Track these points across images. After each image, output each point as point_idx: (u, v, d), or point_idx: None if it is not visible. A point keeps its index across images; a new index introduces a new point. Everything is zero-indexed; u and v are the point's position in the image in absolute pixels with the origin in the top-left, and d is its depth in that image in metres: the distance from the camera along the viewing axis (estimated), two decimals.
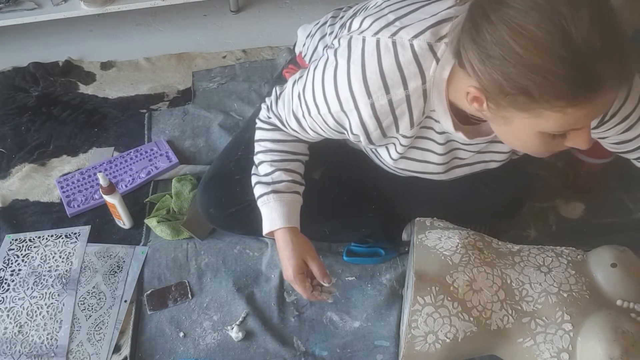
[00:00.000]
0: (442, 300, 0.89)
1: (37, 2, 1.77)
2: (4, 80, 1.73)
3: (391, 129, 0.87)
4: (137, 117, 1.59)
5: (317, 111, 0.89)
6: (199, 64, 1.77)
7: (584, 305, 0.87)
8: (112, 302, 1.16)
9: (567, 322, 0.86)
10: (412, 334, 0.89)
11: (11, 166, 1.47)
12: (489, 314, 0.89)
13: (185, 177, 1.37)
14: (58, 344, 1.10)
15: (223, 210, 1.13)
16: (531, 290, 0.91)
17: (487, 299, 0.90)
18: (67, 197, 1.36)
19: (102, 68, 1.77)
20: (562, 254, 0.96)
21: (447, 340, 0.88)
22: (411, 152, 0.95)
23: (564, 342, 0.86)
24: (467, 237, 0.96)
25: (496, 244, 0.99)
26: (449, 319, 0.88)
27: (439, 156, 0.95)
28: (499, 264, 0.94)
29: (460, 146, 0.93)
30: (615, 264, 0.91)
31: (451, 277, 0.91)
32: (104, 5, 1.75)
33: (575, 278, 0.91)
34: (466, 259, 0.93)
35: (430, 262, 0.93)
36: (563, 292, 0.89)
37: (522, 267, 0.94)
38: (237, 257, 1.23)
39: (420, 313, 0.89)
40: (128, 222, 1.29)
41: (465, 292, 0.90)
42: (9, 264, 1.24)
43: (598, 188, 1.32)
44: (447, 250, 0.94)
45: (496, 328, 0.89)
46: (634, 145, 0.89)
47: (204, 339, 1.11)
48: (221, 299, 1.16)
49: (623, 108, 0.83)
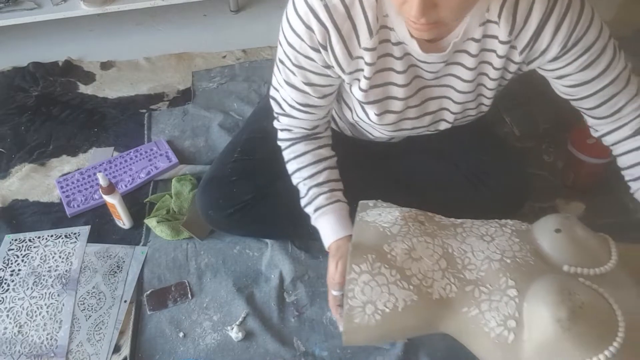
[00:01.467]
0: (379, 268, 0.84)
1: (36, 2, 1.77)
2: (4, 80, 1.73)
3: (352, 39, 0.86)
4: (137, 117, 1.59)
5: (294, 50, 0.89)
6: (199, 64, 1.77)
7: (529, 271, 0.83)
8: (112, 302, 1.16)
9: (512, 288, 0.82)
10: (350, 305, 0.83)
11: (11, 166, 1.47)
12: (430, 282, 0.85)
13: (185, 177, 1.37)
14: (58, 344, 1.10)
15: (221, 211, 1.13)
16: (474, 258, 0.86)
17: (427, 268, 0.85)
18: (66, 197, 1.36)
19: (101, 68, 1.77)
20: (506, 224, 0.93)
21: (386, 309, 0.83)
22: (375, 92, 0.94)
23: (510, 308, 0.81)
24: (408, 211, 0.93)
25: (438, 218, 0.95)
26: (387, 287, 0.83)
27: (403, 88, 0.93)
28: (440, 235, 0.90)
29: (419, 64, 0.91)
30: (560, 230, 0.87)
31: (389, 246, 0.86)
32: (103, 5, 1.75)
33: (519, 245, 0.87)
34: (405, 229, 0.89)
35: (367, 234, 0.89)
36: (506, 258, 0.85)
37: (465, 237, 0.90)
38: (237, 257, 1.23)
39: (356, 282, 0.83)
40: (128, 222, 1.29)
41: (403, 260, 0.85)
42: (9, 264, 1.23)
43: (598, 188, 1.32)
44: (386, 222, 0.90)
45: (439, 297, 0.84)
46: (591, 89, 0.89)
47: (204, 339, 1.11)
48: (221, 299, 1.16)
49: (585, 37, 0.84)
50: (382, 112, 0.96)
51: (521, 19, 0.83)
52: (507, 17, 0.83)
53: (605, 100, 0.91)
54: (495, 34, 0.85)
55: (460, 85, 0.94)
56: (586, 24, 0.83)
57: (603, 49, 0.86)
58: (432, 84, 0.95)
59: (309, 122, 1.01)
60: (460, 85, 0.94)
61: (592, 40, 0.84)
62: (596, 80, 0.88)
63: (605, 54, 0.86)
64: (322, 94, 0.96)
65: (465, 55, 0.89)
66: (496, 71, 0.90)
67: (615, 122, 0.94)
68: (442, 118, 1.01)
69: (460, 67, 0.91)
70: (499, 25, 0.84)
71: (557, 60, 0.87)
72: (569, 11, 0.82)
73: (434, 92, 0.96)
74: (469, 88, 0.93)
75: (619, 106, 0.92)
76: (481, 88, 0.95)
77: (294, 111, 0.99)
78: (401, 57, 0.89)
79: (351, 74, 0.91)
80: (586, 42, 0.84)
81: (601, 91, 0.90)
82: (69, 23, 1.82)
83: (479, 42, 0.85)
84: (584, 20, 0.83)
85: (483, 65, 0.90)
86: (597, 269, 0.83)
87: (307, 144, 1.02)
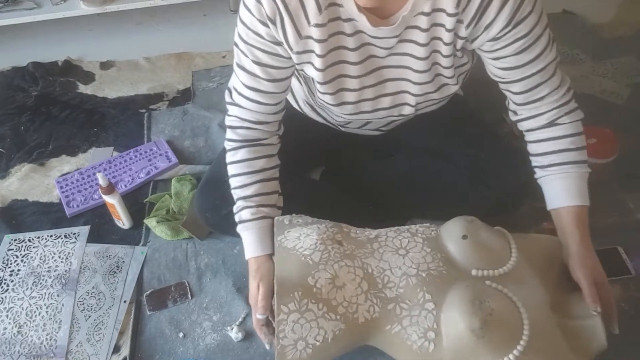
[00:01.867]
0: (307, 304, 0.88)
1: (36, 2, 1.77)
2: (3, 80, 1.73)
3: (300, 17, 0.88)
4: (137, 117, 1.59)
5: (245, 27, 0.91)
6: (199, 64, 1.77)
7: (442, 282, 0.90)
8: (111, 302, 1.16)
9: (429, 302, 0.88)
10: (282, 345, 0.87)
11: (10, 166, 1.47)
12: (355, 308, 0.90)
13: (185, 177, 1.37)
14: (57, 345, 1.10)
15: (218, 212, 1.13)
16: (392, 275, 0.92)
17: (351, 293, 0.90)
18: (66, 197, 1.35)
19: (101, 68, 1.77)
20: (417, 232, 0.98)
21: (317, 343, 0.88)
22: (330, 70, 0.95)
23: (429, 321, 0.87)
24: (325, 232, 0.96)
25: (354, 233, 1.00)
26: (316, 321, 0.88)
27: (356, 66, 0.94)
28: (359, 254, 0.95)
29: (371, 40, 0.92)
30: (466, 236, 0.93)
31: (313, 278, 0.91)
32: (103, 4, 1.75)
33: (431, 256, 0.93)
34: (326, 256, 0.93)
35: (291, 265, 0.93)
36: (422, 272, 0.91)
37: (382, 253, 0.95)
38: (236, 257, 1.23)
39: (286, 322, 0.88)
40: (127, 222, 1.29)
41: (328, 290, 0.90)
42: (8, 264, 1.23)
43: (598, 188, 1.32)
44: (306, 249, 0.94)
45: (364, 320, 0.90)
46: (520, 74, 0.93)
47: (204, 339, 1.11)
48: (221, 299, 1.16)
49: (527, 19, 0.86)
50: (336, 90, 0.97)
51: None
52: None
53: (531, 87, 0.95)
54: (443, 6, 0.86)
55: (415, 64, 0.94)
56: (529, 7, 0.86)
57: (539, 36, 0.89)
58: (388, 63, 0.96)
59: (256, 114, 1.01)
60: (415, 64, 0.94)
61: (531, 25, 0.88)
62: (527, 66, 0.92)
63: (540, 41, 0.90)
64: (271, 77, 0.96)
65: (416, 31, 0.90)
66: (447, 47, 0.91)
67: (535, 109, 0.98)
68: (403, 101, 1.01)
69: (413, 44, 0.92)
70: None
71: (497, 40, 0.90)
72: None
73: (390, 73, 0.97)
74: (425, 66, 0.94)
75: (541, 95, 0.96)
76: (437, 67, 0.96)
77: (242, 99, 0.99)
78: (352, 33, 0.90)
79: (300, 54, 0.92)
80: (527, 24, 0.87)
81: (529, 78, 0.94)
82: (69, 23, 1.82)
83: (429, 16, 0.86)
84: (528, 2, 0.85)
85: (435, 42, 0.91)
86: (501, 269, 0.92)
87: (247, 152, 1.02)
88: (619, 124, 1.44)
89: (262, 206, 1.01)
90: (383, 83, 0.98)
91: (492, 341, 0.84)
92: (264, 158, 1.03)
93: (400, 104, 1.01)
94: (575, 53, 1.74)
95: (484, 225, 0.97)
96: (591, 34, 1.82)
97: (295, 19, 0.88)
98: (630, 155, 1.37)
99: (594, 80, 1.63)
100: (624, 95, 1.58)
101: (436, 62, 0.94)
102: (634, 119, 1.50)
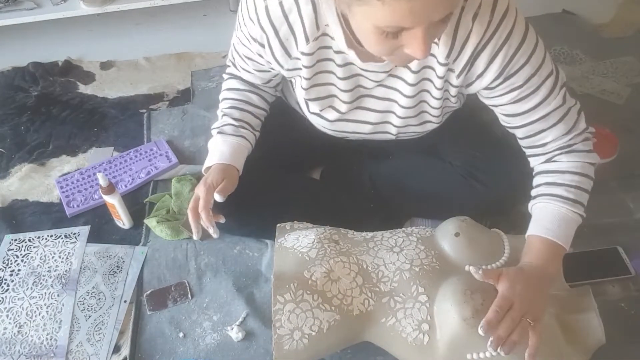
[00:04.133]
0: (302, 294, 0.91)
1: (36, 2, 1.77)
2: (4, 80, 1.73)
3: (290, 42, 0.90)
4: (137, 117, 1.59)
5: (239, 28, 0.95)
6: (198, 64, 1.77)
7: (436, 276, 0.93)
8: (111, 302, 1.16)
9: (422, 294, 0.91)
10: (279, 334, 0.90)
11: (10, 166, 1.47)
12: (350, 300, 0.93)
13: (185, 177, 1.37)
14: (57, 344, 1.10)
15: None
16: (386, 270, 0.95)
17: (346, 287, 0.93)
18: (66, 197, 1.35)
19: (101, 68, 1.77)
20: (412, 233, 1.02)
21: (312, 333, 0.90)
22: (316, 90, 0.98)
23: (422, 313, 0.90)
24: (323, 233, 1.00)
25: (351, 235, 1.04)
26: (311, 312, 0.91)
27: (344, 93, 0.96)
28: (355, 252, 0.98)
29: (361, 72, 0.93)
30: (459, 233, 0.97)
31: (309, 272, 0.94)
32: (103, 4, 1.75)
33: (425, 252, 0.96)
34: (322, 253, 0.96)
35: (288, 261, 0.97)
36: (415, 267, 0.94)
37: (376, 251, 0.99)
38: (236, 258, 1.23)
39: (282, 312, 0.91)
40: (128, 222, 1.29)
41: (324, 283, 0.93)
42: (9, 264, 1.23)
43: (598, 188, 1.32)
44: (304, 247, 0.98)
45: (359, 312, 0.92)
46: (520, 121, 0.93)
47: (204, 339, 1.11)
48: (221, 299, 1.16)
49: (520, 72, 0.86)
50: (324, 108, 1.00)
51: (459, 44, 0.84)
52: (446, 41, 0.84)
53: (532, 134, 0.95)
54: (435, 53, 0.86)
55: (402, 100, 0.96)
56: (522, 60, 0.85)
57: (538, 86, 0.88)
58: (375, 94, 0.97)
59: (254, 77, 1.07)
60: (402, 100, 0.96)
61: (526, 77, 0.87)
62: (527, 114, 0.92)
63: (539, 91, 0.89)
64: (262, 73, 1.03)
65: (406, 71, 0.91)
66: (438, 91, 0.92)
67: (537, 152, 0.98)
68: (385, 130, 1.04)
69: (402, 81, 0.93)
70: (438, 47, 0.85)
71: (492, 90, 0.90)
72: (505, 44, 0.83)
73: (376, 104, 0.99)
74: (411, 103, 0.96)
75: (544, 141, 0.95)
76: (424, 105, 0.97)
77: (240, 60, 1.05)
78: (343, 65, 0.92)
79: (290, 70, 0.96)
80: (520, 77, 0.87)
81: (530, 125, 0.93)
82: (69, 23, 1.82)
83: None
84: (521, 55, 0.84)
85: (425, 82, 0.92)
86: (492, 265, 0.95)
87: (243, 83, 1.09)
88: (619, 124, 1.44)
89: (246, 129, 1.07)
90: (367, 111, 1.00)
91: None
92: (259, 96, 1.10)
93: (381, 132, 1.04)
94: (575, 53, 1.74)
95: (477, 224, 1.00)
96: (591, 34, 1.82)
97: (284, 44, 0.90)
98: (630, 155, 1.37)
99: (594, 80, 1.63)
100: (624, 95, 1.58)
101: (424, 101, 0.96)
102: (634, 119, 1.50)
